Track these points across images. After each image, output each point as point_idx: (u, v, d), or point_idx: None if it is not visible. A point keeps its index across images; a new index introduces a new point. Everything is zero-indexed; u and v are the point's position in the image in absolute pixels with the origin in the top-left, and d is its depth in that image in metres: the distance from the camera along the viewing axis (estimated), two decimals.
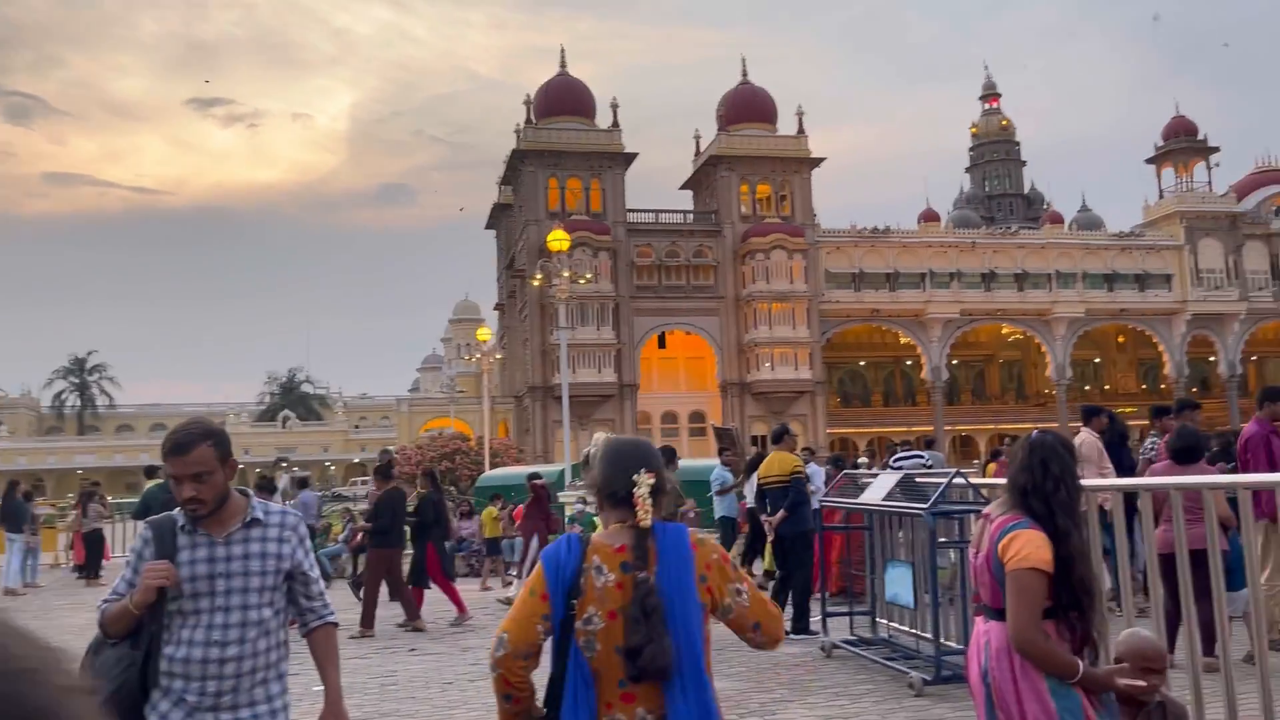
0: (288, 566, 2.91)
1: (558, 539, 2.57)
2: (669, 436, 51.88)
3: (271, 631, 2.88)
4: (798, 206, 53.37)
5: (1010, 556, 2.98)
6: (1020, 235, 57.52)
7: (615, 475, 2.41)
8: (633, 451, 2.47)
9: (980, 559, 3.14)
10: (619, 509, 2.39)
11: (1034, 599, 2.93)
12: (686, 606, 2.31)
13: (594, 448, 4.73)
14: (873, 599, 8.36)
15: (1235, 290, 55.67)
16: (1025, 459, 3.12)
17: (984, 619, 3.17)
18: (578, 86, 54.55)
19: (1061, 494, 3.02)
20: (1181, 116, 58.91)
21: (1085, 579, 3.00)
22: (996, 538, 3.06)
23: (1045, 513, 3.01)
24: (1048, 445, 3.11)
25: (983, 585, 3.15)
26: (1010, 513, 3.09)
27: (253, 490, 3.12)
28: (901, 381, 63.10)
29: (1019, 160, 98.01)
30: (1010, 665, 3.02)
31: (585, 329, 48.25)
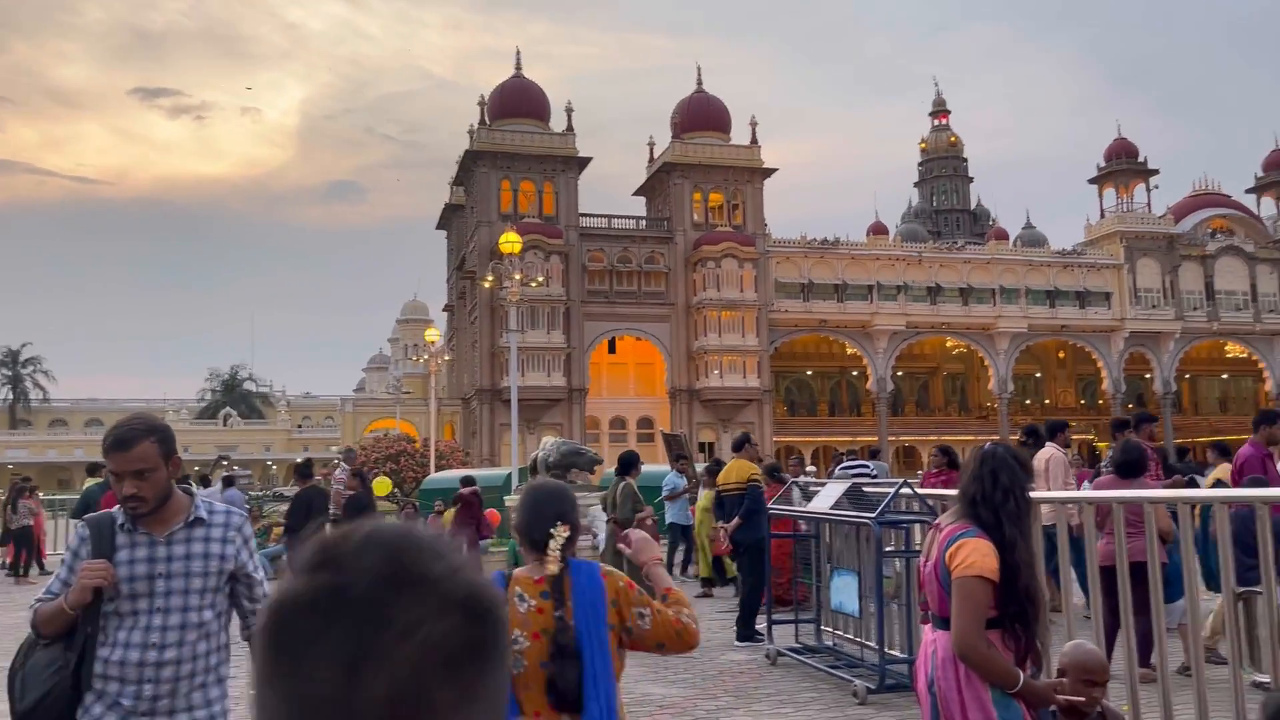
0: (231, 568, 2.83)
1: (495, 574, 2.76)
2: (617, 442, 51.84)
3: (212, 634, 2.80)
4: (749, 216, 53.72)
5: (957, 564, 3.01)
6: (966, 250, 58.44)
7: (534, 522, 2.73)
8: (549, 500, 2.78)
9: (929, 567, 3.17)
10: (536, 550, 2.71)
11: (978, 606, 2.95)
12: (602, 638, 2.62)
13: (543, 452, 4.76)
14: (818, 607, 8.42)
15: (1171, 310, 57.09)
16: (976, 469, 3.16)
17: (932, 628, 3.19)
18: (532, 89, 54.40)
19: (1010, 505, 3.06)
20: (1123, 139, 60.34)
21: (1031, 589, 3.03)
22: (945, 546, 3.08)
23: (994, 522, 3.04)
24: (998, 457, 3.14)
25: (931, 594, 3.17)
26: (959, 522, 3.12)
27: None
28: (847, 391, 63.71)
29: (966, 177, 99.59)
30: (955, 674, 3.04)
31: (535, 332, 48.07)
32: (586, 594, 2.64)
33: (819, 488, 8.36)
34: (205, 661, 2.77)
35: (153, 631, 2.70)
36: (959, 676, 3.03)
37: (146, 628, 2.70)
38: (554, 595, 2.62)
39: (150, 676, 2.68)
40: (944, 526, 3.18)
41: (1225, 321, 57.65)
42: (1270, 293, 58.27)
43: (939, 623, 3.13)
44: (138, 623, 2.71)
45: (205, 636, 2.77)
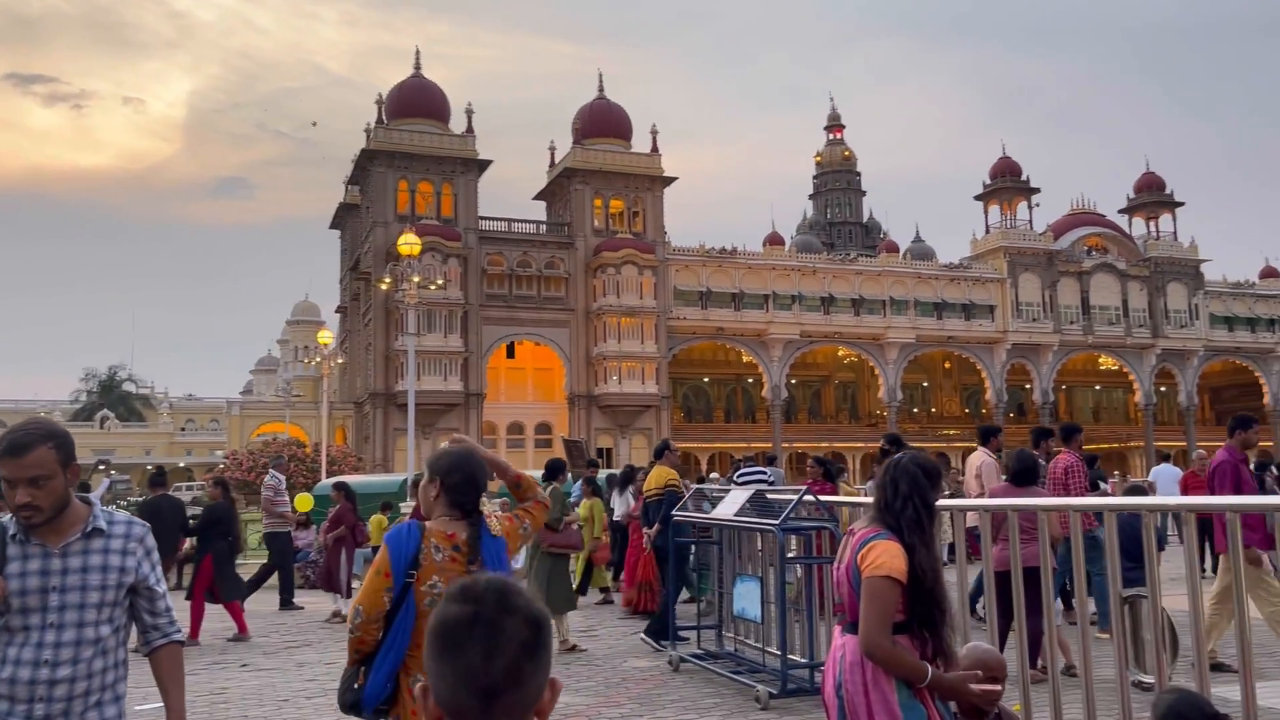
0: (130, 581, 2.69)
1: (398, 525, 3.13)
2: (515, 448, 51.49)
3: (109, 651, 2.65)
4: (649, 223, 54.06)
5: (866, 565, 3.07)
6: (858, 262, 59.97)
7: (466, 490, 3.10)
8: (480, 472, 3.17)
9: (841, 570, 3.22)
10: (456, 510, 3.08)
11: (885, 606, 3.01)
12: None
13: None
14: (720, 613, 8.49)
15: (1050, 323, 59.59)
16: (882, 478, 3.26)
17: (841, 631, 3.25)
18: (431, 89, 53.69)
19: (909, 512, 3.14)
20: (1007, 157, 62.76)
21: (936, 593, 3.11)
22: (857, 549, 3.15)
23: (897, 528, 3.13)
24: (901, 466, 3.23)
25: (843, 596, 3.23)
26: (871, 526, 3.20)
27: None
28: (743, 398, 64.61)
29: (859, 190, 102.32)
30: (863, 677, 3.09)
31: (432, 336, 47.38)
32: (492, 550, 3.09)
33: (722, 494, 8.44)
34: (101, 679, 2.63)
35: (45, 648, 2.56)
36: (866, 679, 3.08)
37: (39, 644, 2.56)
38: (469, 550, 3.01)
39: (42, 695, 2.54)
40: (856, 531, 3.25)
41: (1099, 335, 60.47)
42: (1140, 308, 61.36)
43: (849, 626, 3.18)
44: (29, 639, 2.56)
45: (102, 653, 2.63)
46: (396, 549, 3.03)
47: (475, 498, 3.13)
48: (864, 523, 3.28)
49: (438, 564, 2.98)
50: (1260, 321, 64.58)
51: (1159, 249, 62.56)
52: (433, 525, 3.07)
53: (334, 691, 3.50)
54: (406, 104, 51.97)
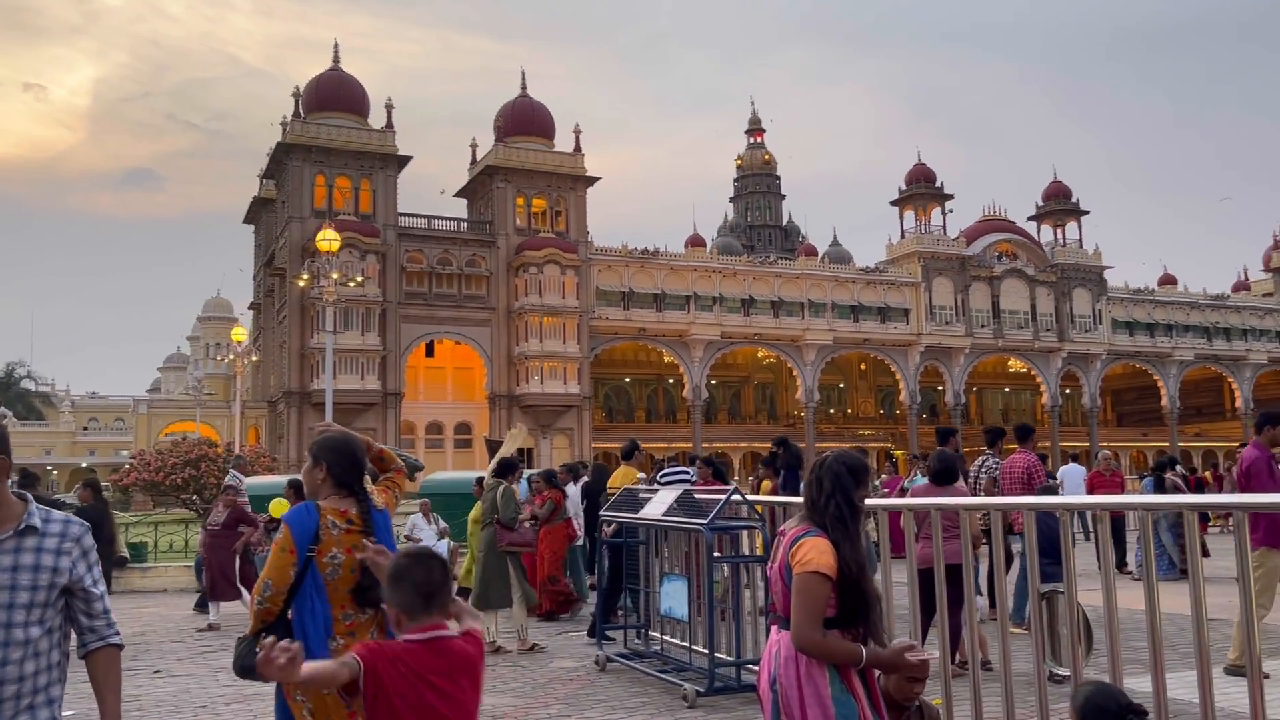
0: (64, 581, 2.61)
1: (297, 506, 3.45)
2: (434, 448, 50.94)
3: (41, 653, 2.56)
4: (572, 223, 53.98)
5: (797, 561, 3.15)
6: (778, 265, 60.72)
7: (350, 470, 3.47)
8: (361, 456, 3.54)
9: (774, 568, 3.28)
10: (343, 489, 3.44)
11: (815, 601, 3.09)
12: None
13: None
14: (647, 612, 8.54)
15: (962, 327, 61.18)
16: (809, 476, 3.34)
17: (777, 628, 3.31)
18: (350, 82, 52.79)
19: (832, 509, 3.23)
20: (922, 164, 64.24)
21: (863, 587, 3.19)
22: (789, 547, 3.22)
23: (823, 525, 3.21)
24: (827, 465, 3.32)
25: (776, 594, 3.28)
26: (802, 524, 3.27)
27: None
28: (664, 399, 64.97)
29: (779, 194, 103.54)
30: (797, 672, 3.16)
31: (350, 334, 46.58)
32: (380, 521, 3.47)
33: (651, 494, 8.49)
34: (33, 682, 2.54)
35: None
36: (800, 674, 3.15)
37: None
38: (362, 523, 3.39)
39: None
40: (788, 531, 3.32)
41: (1009, 339, 62.30)
42: (1048, 313, 63.40)
43: (784, 622, 3.24)
44: None
45: (33, 655, 2.54)
46: (299, 527, 3.34)
47: (359, 476, 3.49)
48: (795, 522, 3.36)
49: (335, 538, 3.34)
50: (1159, 327, 67.28)
51: (1065, 256, 64.71)
52: (326, 504, 3.41)
53: (254, 697, 3.59)
54: (324, 97, 51.02)
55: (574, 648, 9.46)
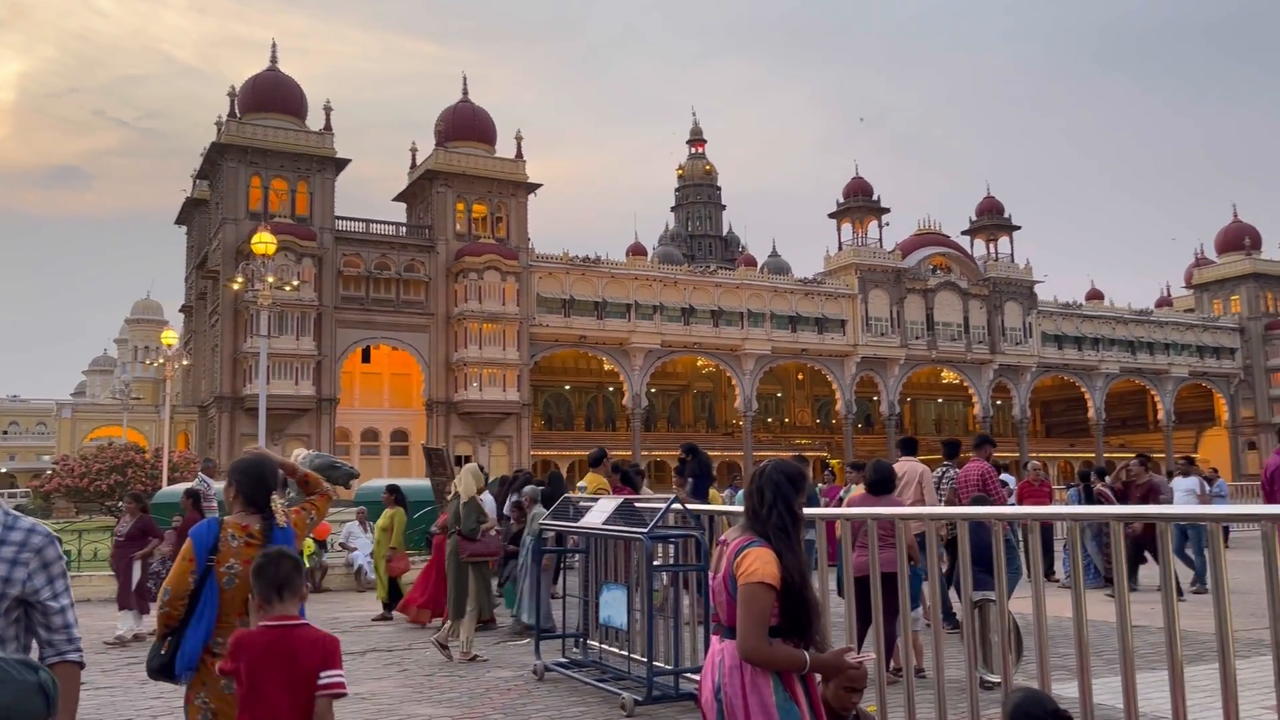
0: (16, 592, 2.51)
1: (201, 521, 3.85)
2: (369, 455, 50.29)
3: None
4: (513, 229, 53.76)
5: (742, 572, 3.17)
6: (718, 275, 61.13)
7: (256, 489, 3.76)
8: (271, 473, 3.85)
9: (719, 579, 3.31)
10: (251, 506, 3.73)
11: (760, 610, 3.11)
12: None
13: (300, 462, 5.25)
14: (585, 621, 8.53)
15: (897, 338, 62.19)
16: (749, 486, 3.38)
17: (720, 638, 3.34)
18: (288, 83, 52.01)
19: (774, 518, 3.27)
20: (860, 178, 65.24)
21: (805, 595, 3.24)
22: (733, 557, 3.25)
23: (765, 534, 3.25)
24: (767, 474, 3.36)
25: (720, 604, 3.31)
26: (745, 534, 3.31)
27: None
28: (603, 406, 64.98)
29: (720, 204, 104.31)
30: (741, 680, 3.19)
31: (284, 338, 45.80)
32: (281, 538, 3.72)
33: (591, 503, 8.49)
34: None
35: None
36: (745, 682, 3.19)
37: None
38: (262, 537, 3.68)
39: None
40: (730, 541, 3.35)
41: (942, 350, 63.47)
42: (980, 325, 64.74)
43: (727, 632, 3.27)
44: None
45: None
46: (199, 540, 3.69)
47: (265, 496, 3.78)
48: (736, 532, 3.38)
49: (234, 549, 3.63)
50: (1086, 340, 69.08)
51: (998, 270, 66.14)
52: (230, 519, 3.75)
53: (179, 709, 3.74)
54: (261, 97, 50.20)
55: (511, 656, 9.41)
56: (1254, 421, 72.17)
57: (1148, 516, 4.64)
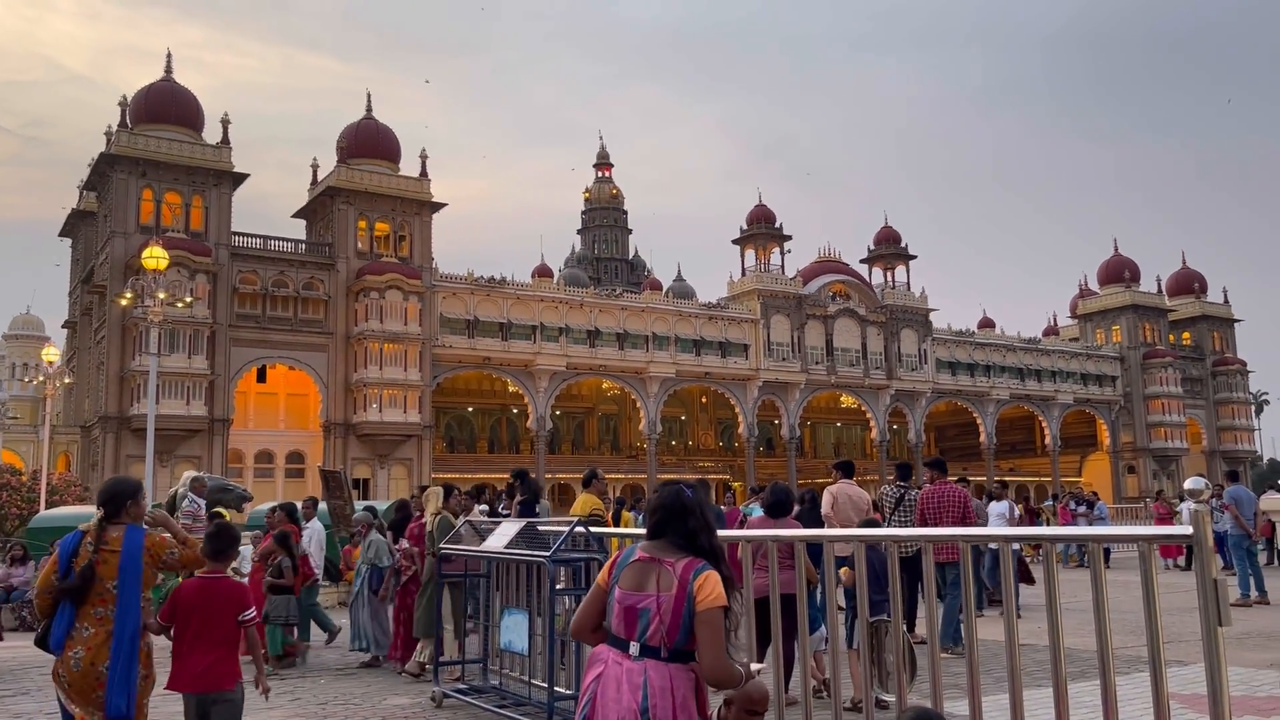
0: None
1: (72, 533, 4.80)
2: (263, 477, 48.85)
3: None
4: (416, 248, 53.10)
5: (704, 596, 3.19)
6: (623, 298, 61.36)
7: (111, 503, 4.82)
8: (119, 496, 4.86)
9: (666, 600, 3.26)
10: (112, 519, 4.78)
11: (723, 633, 3.21)
12: (137, 571, 4.69)
13: (183, 487, 6.29)
14: (485, 647, 8.42)
15: (798, 363, 63.30)
16: (672, 507, 3.43)
17: (630, 657, 3.29)
18: (184, 94, 50.53)
19: (711, 543, 3.35)
20: (763, 205, 66.41)
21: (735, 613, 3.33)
22: (689, 579, 3.25)
23: (702, 557, 3.31)
24: (694, 499, 3.44)
25: (659, 624, 3.25)
26: (687, 556, 3.31)
27: None
28: (507, 429, 64.46)
29: (626, 228, 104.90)
30: (673, 702, 3.22)
31: (175, 356, 44.21)
32: (131, 547, 4.70)
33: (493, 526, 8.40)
34: None
35: None
36: (676, 704, 3.22)
37: None
38: (119, 545, 4.71)
39: None
40: (671, 561, 3.32)
41: (841, 375, 64.84)
42: (877, 352, 66.37)
43: (650, 651, 3.25)
44: None
45: None
46: (63, 548, 4.76)
47: (116, 510, 4.82)
48: (665, 550, 3.35)
49: (88, 553, 4.65)
50: (978, 367, 71.45)
51: (894, 298, 67.99)
52: (89, 528, 4.75)
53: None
54: (154, 108, 48.65)
55: (409, 684, 9.23)
56: (1133, 446, 75.53)
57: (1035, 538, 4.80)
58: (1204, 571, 3.17)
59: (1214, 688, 3.16)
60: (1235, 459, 76.06)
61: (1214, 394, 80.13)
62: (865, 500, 10.24)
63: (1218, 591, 3.15)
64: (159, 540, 4.80)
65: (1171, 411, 75.21)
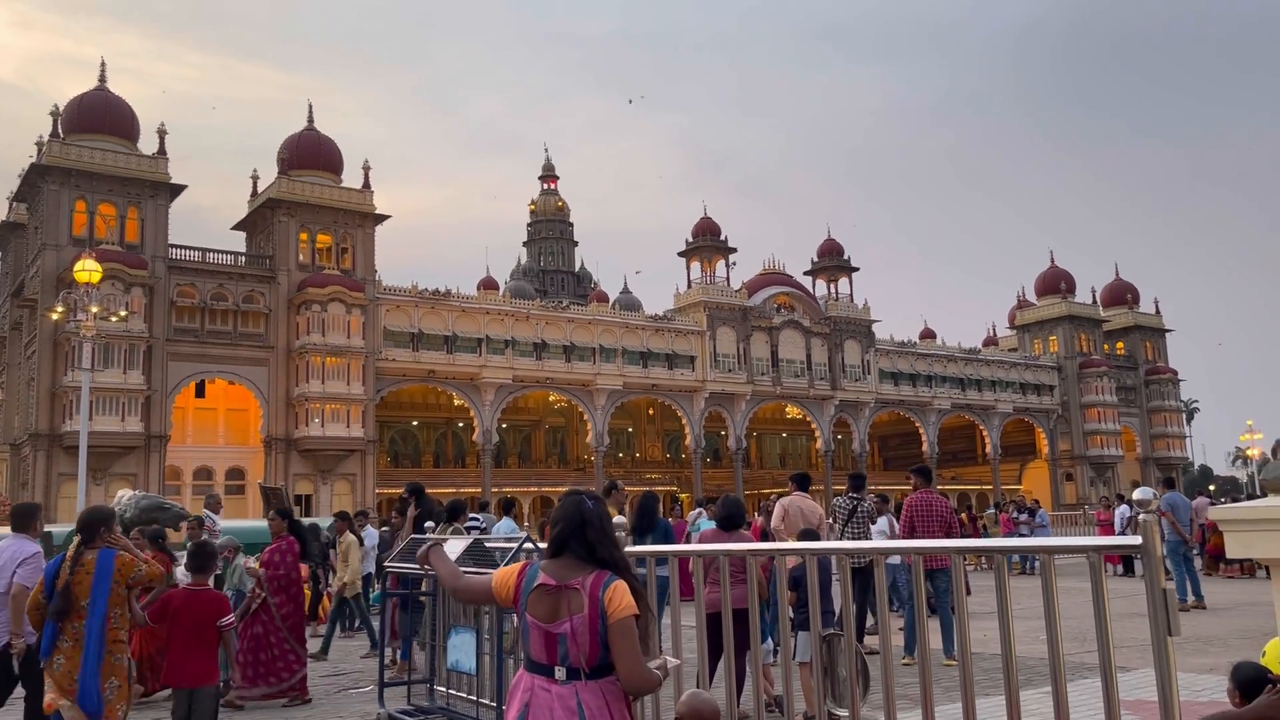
0: None
1: (56, 557, 5.78)
2: (203, 494, 47.71)
3: None
4: (359, 261, 52.47)
5: (615, 608, 3.15)
6: (570, 310, 61.26)
7: (84, 531, 5.75)
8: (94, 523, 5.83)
9: (579, 622, 3.20)
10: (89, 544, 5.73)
11: (638, 641, 3.19)
12: (106, 589, 5.59)
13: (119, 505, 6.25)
14: (432, 666, 8.27)
15: (744, 374, 63.67)
16: (571, 519, 3.35)
17: (557, 682, 3.22)
18: (119, 104, 49.46)
19: (612, 554, 3.29)
20: (708, 218, 66.80)
21: (650, 616, 3.34)
22: (599, 594, 3.18)
23: (605, 567, 3.25)
24: (592, 509, 3.36)
25: (580, 646, 3.20)
26: (589, 570, 3.25)
27: None
28: (453, 443, 63.86)
29: (572, 240, 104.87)
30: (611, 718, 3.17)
31: (110, 371, 43.13)
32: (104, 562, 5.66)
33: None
34: None
35: None
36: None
37: None
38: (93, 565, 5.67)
39: None
40: (578, 582, 3.25)
41: (786, 386, 65.34)
42: (822, 363, 67.01)
43: (580, 674, 3.19)
44: None
45: None
46: (47, 572, 5.73)
47: (92, 536, 5.72)
48: (569, 569, 3.29)
49: (68, 574, 5.56)
50: (920, 377, 72.46)
51: (838, 309, 68.74)
52: (70, 553, 5.66)
53: None
54: (88, 118, 47.53)
55: (353, 704, 9.04)
56: (1070, 454, 77.11)
57: (985, 549, 4.82)
58: (1154, 581, 3.19)
59: (1165, 696, 3.17)
60: (1168, 465, 77.99)
61: (1147, 402, 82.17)
62: (817, 513, 10.25)
63: (1167, 601, 3.17)
64: (128, 560, 5.72)
65: (1107, 420, 76.94)
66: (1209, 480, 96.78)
